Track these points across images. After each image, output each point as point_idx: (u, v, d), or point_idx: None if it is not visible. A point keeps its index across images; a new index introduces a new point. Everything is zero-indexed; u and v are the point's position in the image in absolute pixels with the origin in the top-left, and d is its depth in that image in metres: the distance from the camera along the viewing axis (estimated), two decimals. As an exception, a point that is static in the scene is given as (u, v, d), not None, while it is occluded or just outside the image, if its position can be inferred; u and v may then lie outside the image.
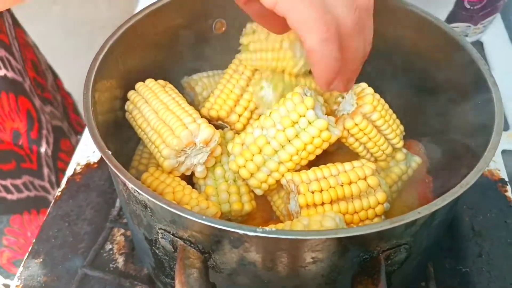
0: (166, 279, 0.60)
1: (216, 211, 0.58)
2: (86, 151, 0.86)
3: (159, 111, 0.61)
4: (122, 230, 0.76)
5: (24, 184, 0.83)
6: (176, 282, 0.45)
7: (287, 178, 0.58)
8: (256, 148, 0.59)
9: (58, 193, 0.81)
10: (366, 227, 0.43)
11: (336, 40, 0.43)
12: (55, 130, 0.93)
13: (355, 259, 0.47)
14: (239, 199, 0.62)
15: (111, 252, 0.73)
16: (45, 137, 0.88)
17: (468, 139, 0.60)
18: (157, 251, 0.55)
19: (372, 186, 0.57)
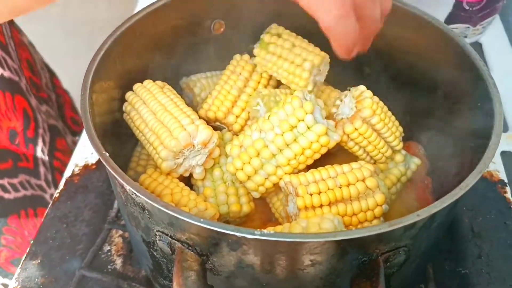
0: (164, 281, 0.60)
1: (214, 213, 0.58)
2: (84, 153, 0.86)
3: (157, 112, 0.61)
4: (120, 232, 0.75)
5: (20, 183, 0.83)
6: (174, 285, 0.44)
7: (286, 180, 0.58)
8: (254, 151, 0.59)
9: (56, 194, 0.81)
10: (365, 230, 0.43)
11: (352, 14, 0.43)
12: (51, 129, 0.93)
13: (354, 262, 0.47)
14: (237, 201, 0.62)
15: (109, 253, 0.73)
16: (41, 136, 0.88)
17: (468, 140, 0.60)
18: (155, 253, 0.55)
19: (370, 187, 0.56)
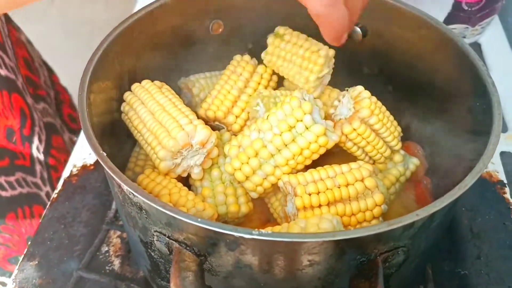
0: (162, 281, 0.60)
1: (213, 213, 0.58)
2: (83, 153, 0.86)
3: (155, 113, 0.61)
4: (119, 232, 0.75)
5: (17, 181, 0.83)
6: (171, 285, 0.44)
7: (284, 180, 0.58)
8: (252, 151, 0.59)
9: (54, 195, 0.80)
10: (364, 230, 0.43)
11: (341, 0, 0.44)
12: (47, 127, 0.93)
13: (352, 262, 0.46)
14: (236, 201, 0.62)
15: (107, 254, 0.73)
16: (37, 134, 0.88)
17: (467, 140, 0.60)
18: (152, 254, 0.55)
19: (369, 187, 0.56)
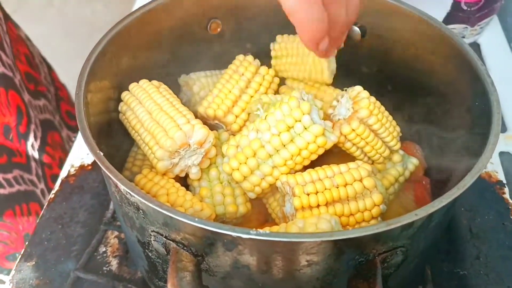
0: (160, 282, 0.59)
1: (210, 213, 0.58)
2: (80, 153, 0.86)
3: (153, 112, 0.60)
4: (116, 233, 0.75)
5: (15, 178, 0.83)
6: (168, 285, 0.44)
7: (282, 180, 0.57)
8: (251, 151, 0.59)
9: (51, 195, 0.80)
10: (362, 229, 0.42)
11: (317, 1, 0.44)
12: (44, 124, 0.93)
13: (350, 262, 0.46)
14: (233, 201, 0.62)
15: (104, 255, 0.72)
16: (33, 131, 0.88)
17: (466, 140, 0.60)
18: (150, 254, 0.54)
19: (368, 187, 0.56)
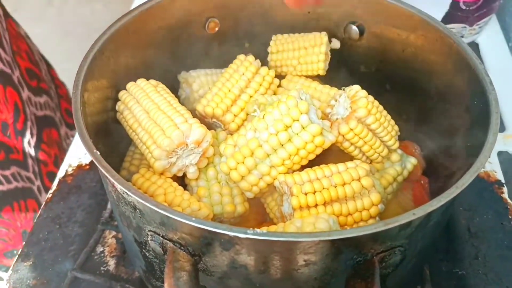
0: (157, 282, 0.59)
1: (208, 213, 0.57)
2: (78, 153, 0.85)
3: (150, 111, 0.60)
4: (114, 233, 0.74)
5: (12, 175, 0.83)
6: (165, 285, 0.43)
7: (280, 180, 0.57)
8: (248, 150, 0.58)
9: (49, 195, 0.80)
10: (360, 229, 0.42)
11: None
12: (43, 120, 0.93)
13: (348, 262, 0.46)
14: (231, 201, 0.61)
15: (102, 255, 0.72)
16: (29, 128, 0.88)
17: (464, 139, 0.60)
18: (147, 254, 0.54)
19: (366, 187, 0.56)
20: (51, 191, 0.80)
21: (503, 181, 0.80)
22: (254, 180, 0.59)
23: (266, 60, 0.76)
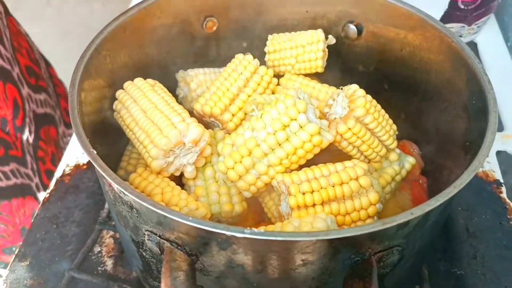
0: (154, 282, 0.59)
1: (206, 213, 0.57)
2: (76, 152, 0.85)
3: (148, 111, 0.60)
4: (111, 232, 0.74)
5: (11, 171, 0.83)
6: (162, 285, 0.43)
7: (278, 179, 0.57)
8: (246, 150, 0.58)
9: (46, 194, 0.79)
10: (357, 228, 0.42)
11: None
12: (42, 118, 0.93)
13: (346, 262, 0.46)
14: (229, 200, 0.61)
15: (99, 254, 0.72)
16: (28, 125, 0.88)
17: (463, 138, 0.59)
18: (144, 254, 0.54)
19: (364, 186, 0.55)
20: (48, 191, 0.80)
21: (502, 180, 0.80)
22: (251, 179, 0.59)
23: (264, 59, 0.76)
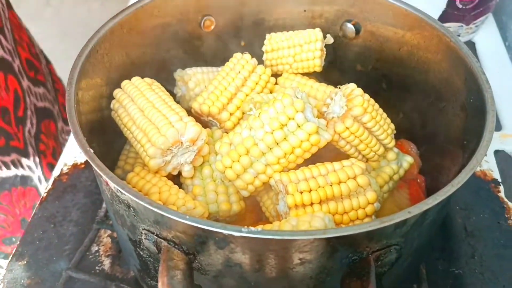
0: (152, 281, 0.59)
1: (203, 212, 0.57)
2: (73, 151, 0.85)
3: (145, 109, 0.60)
4: (109, 232, 0.74)
5: (12, 161, 0.83)
6: (159, 284, 0.43)
7: (276, 178, 0.57)
8: (244, 149, 0.58)
9: (44, 193, 0.79)
10: (355, 227, 0.42)
11: None
12: (41, 112, 0.93)
13: (344, 260, 0.46)
14: (227, 199, 0.61)
15: (97, 254, 0.71)
16: (29, 117, 0.88)
17: (461, 137, 0.59)
18: (141, 253, 0.54)
19: (362, 185, 0.55)
20: (45, 190, 0.80)
21: (500, 180, 0.80)
22: (249, 178, 0.59)
23: (262, 58, 0.76)
